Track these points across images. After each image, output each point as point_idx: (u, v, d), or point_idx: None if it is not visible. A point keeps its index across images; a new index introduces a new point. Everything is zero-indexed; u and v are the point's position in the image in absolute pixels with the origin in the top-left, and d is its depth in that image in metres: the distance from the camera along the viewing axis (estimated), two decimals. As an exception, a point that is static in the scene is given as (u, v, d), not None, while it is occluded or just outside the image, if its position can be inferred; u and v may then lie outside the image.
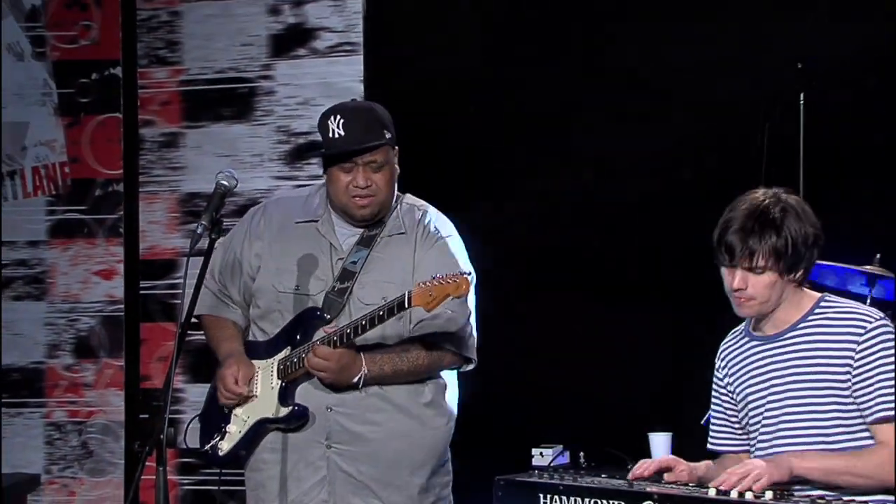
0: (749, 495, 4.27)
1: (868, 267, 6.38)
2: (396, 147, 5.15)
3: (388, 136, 5.07)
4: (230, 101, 7.21)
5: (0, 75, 7.25)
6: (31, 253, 7.31)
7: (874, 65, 6.90)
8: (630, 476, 4.63)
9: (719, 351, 4.96)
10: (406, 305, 4.77)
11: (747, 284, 4.61)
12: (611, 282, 7.43)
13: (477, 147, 7.45)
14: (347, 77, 6.96)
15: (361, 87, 6.95)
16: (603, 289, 7.42)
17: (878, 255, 6.46)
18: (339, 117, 5.05)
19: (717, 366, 4.96)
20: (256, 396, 5.12)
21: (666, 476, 4.63)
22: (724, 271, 4.66)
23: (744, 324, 4.86)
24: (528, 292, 7.50)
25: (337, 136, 5.03)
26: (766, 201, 4.64)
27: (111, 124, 7.30)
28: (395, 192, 5.18)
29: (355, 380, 4.96)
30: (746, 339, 4.83)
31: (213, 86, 7.24)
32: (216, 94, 7.23)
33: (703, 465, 4.80)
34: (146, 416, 7.09)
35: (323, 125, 5.09)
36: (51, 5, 7.32)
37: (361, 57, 7.07)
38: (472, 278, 5.00)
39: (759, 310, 4.67)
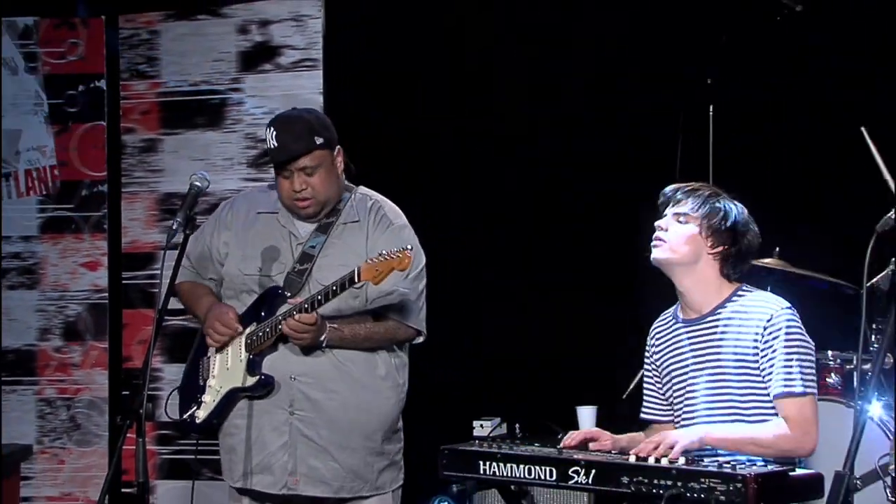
0: (664, 461, 4.32)
1: (768, 259, 6.53)
2: (338, 148, 5.16)
3: (318, 141, 5.07)
4: (203, 110, 7.22)
5: (0, 87, 7.28)
6: (24, 247, 7.32)
7: (772, 81, 7.04)
8: (560, 446, 4.68)
9: (650, 330, 5.00)
10: (356, 280, 4.81)
11: (668, 227, 4.67)
12: (544, 272, 7.52)
13: (423, 147, 7.55)
14: (308, 89, 6.99)
15: (321, 98, 6.96)
16: (537, 279, 7.50)
17: (777, 249, 6.61)
18: (272, 129, 5.09)
19: (647, 343, 5.01)
20: (229, 367, 5.16)
21: (591, 445, 4.68)
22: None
23: (673, 308, 4.90)
24: (472, 280, 7.58)
25: (272, 146, 5.07)
26: (720, 192, 4.75)
27: (96, 131, 7.33)
28: (341, 187, 5.21)
29: (322, 338, 5.01)
30: (673, 321, 4.89)
31: (187, 97, 7.25)
32: (191, 104, 7.24)
33: (625, 437, 4.85)
34: (127, 392, 7.05)
35: (264, 137, 5.15)
36: (42, 25, 7.33)
37: (321, 71, 7.08)
38: (418, 255, 5.13)
39: (667, 256, 4.69)
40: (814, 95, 7.03)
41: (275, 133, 5.08)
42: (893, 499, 3.93)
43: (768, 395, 4.64)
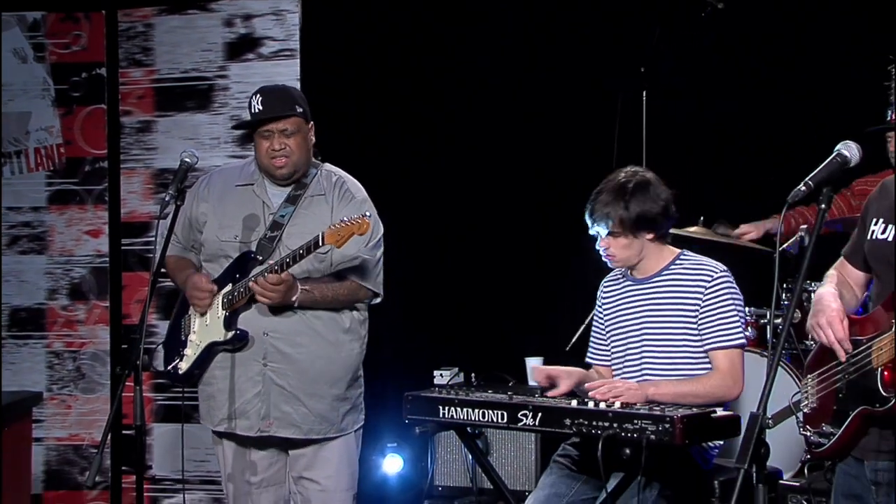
0: (602, 405, 4.37)
1: (693, 228, 6.57)
2: (311, 123, 5.19)
3: (299, 110, 5.12)
4: (193, 95, 7.19)
5: (0, 73, 7.23)
6: (34, 216, 7.30)
7: (698, 69, 7.08)
8: (534, 385, 4.80)
9: (601, 285, 5.04)
10: (321, 243, 4.84)
11: (609, 245, 4.75)
12: (497, 241, 7.56)
13: (390, 130, 7.57)
14: (287, 76, 6.92)
15: (298, 84, 6.90)
16: (492, 247, 7.55)
17: (702, 218, 6.65)
18: (258, 96, 5.12)
19: (598, 297, 5.05)
20: (207, 324, 5.18)
21: (551, 392, 4.71)
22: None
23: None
24: (435, 247, 7.62)
25: (256, 110, 5.09)
26: (624, 179, 4.76)
27: (97, 114, 7.29)
28: (313, 160, 5.23)
29: (293, 299, 5.03)
30: (623, 278, 4.93)
31: (179, 83, 7.21)
32: (182, 89, 7.21)
33: (576, 372, 4.88)
34: (126, 346, 7.05)
35: (248, 104, 5.17)
36: (49, 19, 7.28)
37: (298, 60, 7.06)
38: (377, 226, 5.15)
39: (623, 263, 4.80)
40: (736, 81, 7.08)
41: (260, 98, 5.12)
42: (804, 431, 3.98)
43: (701, 347, 4.70)
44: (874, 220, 3.90)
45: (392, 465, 7.12)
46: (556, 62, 7.38)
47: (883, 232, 3.85)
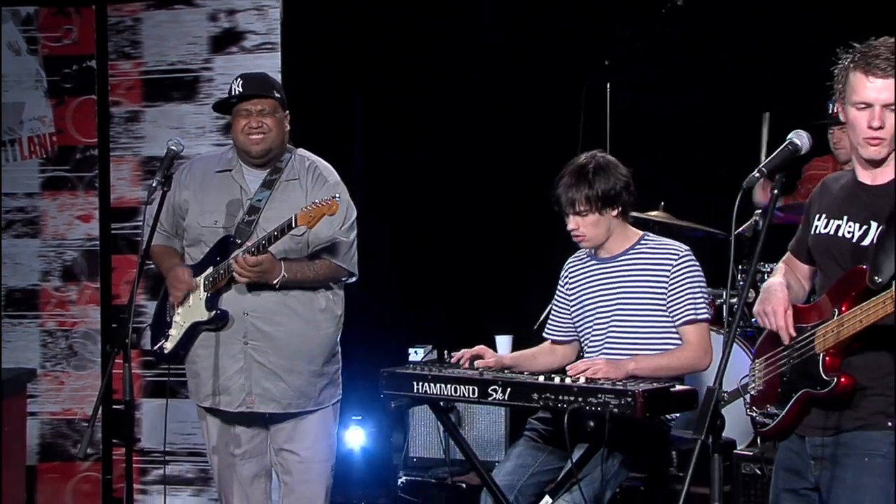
0: (568, 380, 4.39)
1: (654, 213, 6.61)
2: (287, 112, 5.22)
3: (277, 95, 5.16)
4: (179, 86, 7.15)
5: (0, 65, 7.19)
6: (28, 202, 7.25)
7: (658, 62, 7.12)
8: (452, 361, 4.81)
9: (565, 265, 5.05)
10: (294, 225, 4.85)
11: (578, 225, 4.77)
12: (469, 226, 7.61)
13: (369, 121, 7.60)
14: (268, 69, 6.69)
15: (279, 76, 6.78)
16: (466, 231, 7.60)
17: (662, 203, 6.69)
18: (239, 80, 5.18)
19: (561, 276, 5.06)
20: (190, 305, 5.19)
21: (477, 363, 4.77)
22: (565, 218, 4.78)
23: None
24: (407, 228, 7.65)
25: (236, 91, 5.13)
26: (584, 161, 4.78)
27: (88, 104, 7.23)
28: (286, 144, 5.25)
29: (275, 281, 5.03)
30: (588, 258, 4.94)
31: (166, 75, 7.17)
32: (168, 81, 7.16)
33: (508, 357, 4.98)
34: (115, 325, 7.07)
35: (229, 89, 5.21)
36: (42, 13, 7.23)
37: (279, 53, 7.02)
38: (350, 209, 5.17)
39: (593, 242, 4.80)
40: (693, 74, 7.11)
41: (241, 82, 5.18)
42: (750, 412, 4.04)
43: (669, 322, 4.74)
44: (817, 215, 3.95)
45: (356, 437, 7.13)
46: (531, 57, 7.42)
47: (825, 227, 3.89)
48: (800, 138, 3.75)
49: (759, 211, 6.40)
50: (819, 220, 3.93)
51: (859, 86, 3.72)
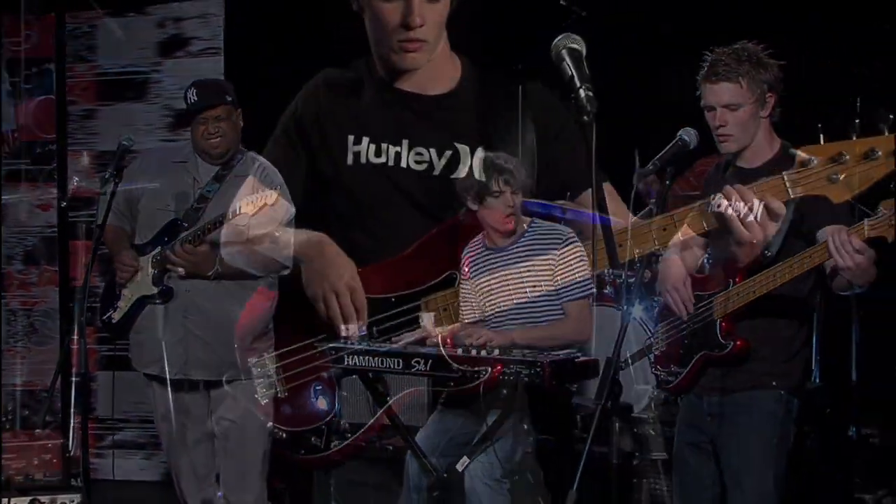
0: (483, 353, 4.29)
1: (560, 201, 6.59)
2: (239, 109, 5.20)
3: (228, 99, 5.15)
4: (130, 87, 7.14)
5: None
6: (-10, 193, 7.19)
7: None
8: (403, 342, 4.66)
9: (463, 255, 4.84)
10: (237, 212, 4.82)
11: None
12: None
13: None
14: (213, 72, 6.90)
15: (222, 78, 6.83)
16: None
17: (568, 194, 6.66)
18: (193, 89, 5.14)
19: (461, 263, 4.89)
20: (138, 281, 5.18)
21: (429, 341, 4.58)
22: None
23: (479, 235, 4.77)
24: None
25: (192, 101, 5.10)
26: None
27: (47, 103, 7.19)
28: (239, 142, 5.22)
29: (209, 273, 5.04)
30: (482, 248, 4.77)
31: (118, 77, 7.15)
32: (121, 82, 7.15)
33: (447, 330, 4.83)
34: (72, 304, 7.04)
35: (184, 96, 5.17)
36: (4, 20, 7.16)
37: (222, 57, 7.04)
38: (290, 206, 5.01)
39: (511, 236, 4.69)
40: (605, 81, 7.10)
41: (195, 91, 5.13)
42: (654, 371, 4.12)
43: (556, 301, 4.64)
44: (712, 196, 3.98)
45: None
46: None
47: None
48: (688, 135, 3.82)
49: (654, 200, 6.42)
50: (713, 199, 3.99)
51: (704, 91, 4.01)
